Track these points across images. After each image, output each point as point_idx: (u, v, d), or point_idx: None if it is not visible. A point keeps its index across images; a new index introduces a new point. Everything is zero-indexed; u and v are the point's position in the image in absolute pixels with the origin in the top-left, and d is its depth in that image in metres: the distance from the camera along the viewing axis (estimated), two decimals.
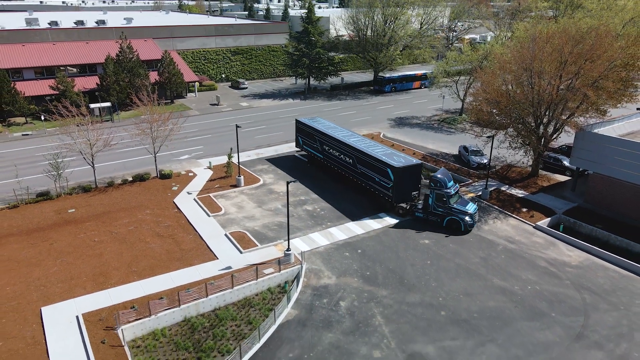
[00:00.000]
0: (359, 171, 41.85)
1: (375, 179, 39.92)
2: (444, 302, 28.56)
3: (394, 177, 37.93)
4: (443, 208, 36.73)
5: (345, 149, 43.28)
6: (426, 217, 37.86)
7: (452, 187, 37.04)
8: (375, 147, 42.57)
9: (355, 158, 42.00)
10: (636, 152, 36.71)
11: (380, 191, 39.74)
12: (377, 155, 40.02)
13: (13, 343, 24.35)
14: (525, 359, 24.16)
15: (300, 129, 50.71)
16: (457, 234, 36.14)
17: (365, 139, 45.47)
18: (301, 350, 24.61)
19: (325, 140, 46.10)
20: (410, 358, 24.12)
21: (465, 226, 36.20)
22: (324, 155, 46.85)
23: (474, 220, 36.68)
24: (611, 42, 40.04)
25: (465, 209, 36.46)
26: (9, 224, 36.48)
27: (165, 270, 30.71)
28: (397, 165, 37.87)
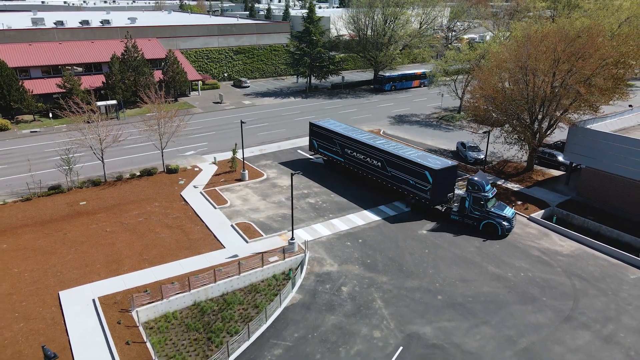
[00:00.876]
0: (390, 174, 41.15)
1: (410, 181, 39.29)
2: (441, 287, 30.03)
3: (432, 179, 37.46)
4: (480, 212, 36.32)
5: (373, 152, 42.43)
6: (462, 220, 37.46)
7: (489, 190, 36.65)
8: (404, 149, 42.10)
9: (385, 161, 41.32)
10: (627, 147, 38.20)
11: (416, 194, 39.10)
12: (411, 157, 39.48)
13: (34, 324, 25.84)
14: (517, 339, 25.63)
15: (315, 132, 49.28)
16: (493, 238, 35.73)
17: (391, 141, 44.90)
18: (306, 330, 26.09)
19: (347, 144, 45.05)
20: (408, 337, 25.59)
21: (503, 231, 35.58)
22: (345, 158, 45.81)
23: (511, 225, 36.06)
24: (603, 41, 41.50)
25: (503, 213, 35.92)
26: (24, 216, 37.96)
27: (175, 258, 32.19)
28: (436, 167, 37.41)
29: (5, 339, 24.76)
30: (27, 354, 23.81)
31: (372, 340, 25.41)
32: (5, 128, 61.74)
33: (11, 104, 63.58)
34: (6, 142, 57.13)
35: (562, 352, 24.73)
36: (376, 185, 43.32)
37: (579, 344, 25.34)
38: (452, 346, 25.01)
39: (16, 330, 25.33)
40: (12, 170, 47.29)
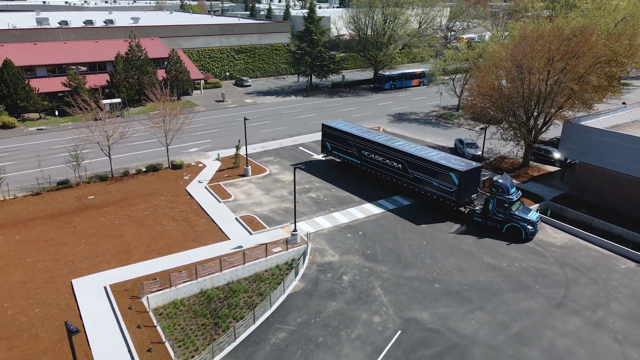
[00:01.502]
0: (411, 176, 40.99)
1: (434, 183, 39.17)
2: (438, 276, 31.23)
3: (458, 181, 37.38)
4: (504, 214, 36.00)
5: (393, 153, 42.22)
6: (485, 223, 37.23)
7: (514, 193, 36.39)
8: (425, 150, 42.01)
9: (406, 163, 41.08)
10: (620, 143, 39.37)
11: (440, 195, 39.03)
12: (435, 159, 39.44)
13: (49, 309, 27.04)
14: (510, 324, 26.83)
15: (328, 134, 48.69)
16: (517, 241, 35.45)
17: (410, 142, 44.74)
18: (308, 316, 27.28)
19: (365, 145, 44.79)
20: (406, 322, 26.78)
21: (527, 234, 35.34)
22: (362, 160, 45.54)
23: (535, 228, 35.67)
24: (596, 40, 42.71)
25: (527, 217, 35.63)
26: (34, 209, 39.16)
27: (182, 249, 33.39)
28: (462, 169, 37.40)
29: (22, 323, 25.97)
30: (43, 337, 25.01)
31: (372, 324, 26.61)
32: (12, 126, 62.88)
33: (18, 102, 64.74)
34: (13, 139, 58.28)
35: (553, 336, 25.92)
36: (397, 187, 43.08)
37: (570, 329, 26.53)
38: (448, 330, 26.21)
39: (32, 316, 26.53)
40: (20, 167, 48.43)
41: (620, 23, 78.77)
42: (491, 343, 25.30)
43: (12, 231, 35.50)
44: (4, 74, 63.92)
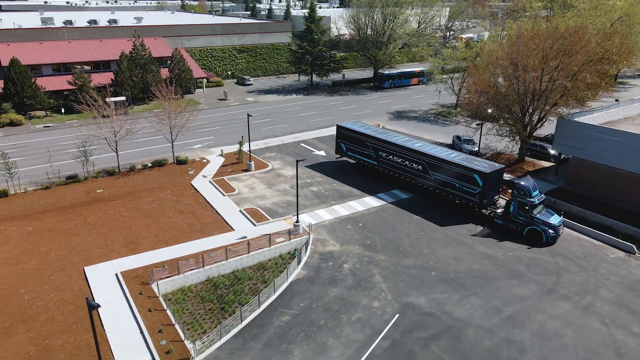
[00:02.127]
0: (432, 177, 40.86)
1: (456, 185, 39.01)
2: (435, 265, 32.56)
3: (482, 183, 37.21)
4: (524, 217, 35.60)
5: (413, 155, 42.05)
6: (505, 225, 36.92)
7: (536, 196, 35.97)
8: (446, 152, 41.75)
9: (427, 164, 40.94)
10: (612, 138, 40.70)
11: (463, 197, 38.92)
12: (458, 160, 39.23)
13: (64, 294, 28.38)
14: (502, 308, 28.16)
15: (343, 135, 48.45)
16: (537, 244, 35.05)
17: (429, 144, 44.70)
18: (310, 301, 28.62)
19: (382, 147, 44.62)
20: (404, 307, 28.11)
21: (547, 238, 34.82)
22: (379, 162, 45.39)
23: (557, 232, 35.04)
24: (589, 38, 44.01)
25: (548, 221, 35.09)
26: (45, 202, 40.51)
27: (189, 239, 34.73)
28: (486, 170, 37.22)
29: (38, 307, 27.31)
30: (59, 319, 26.34)
31: (371, 309, 27.95)
32: (20, 123, 64.26)
33: (24, 100, 66.08)
34: (21, 136, 59.62)
35: (543, 319, 27.25)
36: (417, 189, 42.99)
37: (559, 312, 27.86)
38: (443, 314, 27.54)
39: (47, 300, 27.88)
40: (29, 162, 49.73)
41: (616, 22, 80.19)
42: (484, 325, 26.62)
43: (25, 222, 36.85)
44: (11, 72, 65.29)
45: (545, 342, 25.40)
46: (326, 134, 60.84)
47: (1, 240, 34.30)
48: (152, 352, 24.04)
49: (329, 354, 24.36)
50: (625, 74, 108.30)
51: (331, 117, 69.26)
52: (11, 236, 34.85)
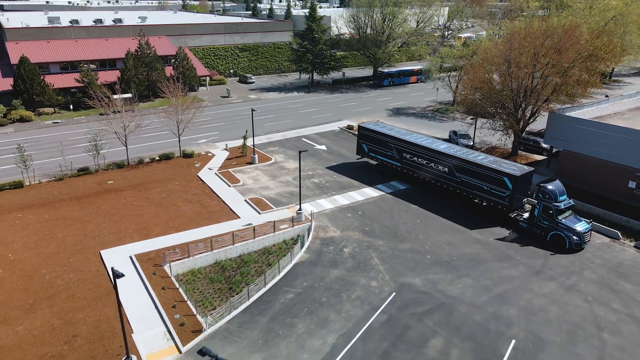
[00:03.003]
0: (459, 180, 40.49)
1: (484, 187, 38.61)
2: (430, 249, 34.53)
3: (512, 186, 36.82)
4: (549, 222, 35.14)
5: (438, 157, 41.70)
6: (530, 229, 36.53)
7: (563, 201, 35.32)
8: (473, 154, 41.26)
9: (453, 166, 40.59)
10: (601, 132, 42.63)
11: (491, 200, 38.49)
12: (486, 163, 38.86)
13: (82, 274, 30.35)
14: (492, 287, 30.11)
15: (365, 136, 48.17)
16: (560, 250, 34.38)
17: (454, 146, 43.79)
18: (313, 280, 30.58)
19: (406, 148, 44.26)
20: (400, 286, 30.07)
21: (571, 244, 34.06)
22: (403, 163, 44.98)
23: (582, 239, 34.06)
24: (579, 36, 45.96)
25: (573, 227, 34.33)
26: (59, 192, 42.48)
27: (197, 226, 36.70)
28: (516, 173, 36.82)
29: (59, 285, 29.27)
30: (79, 296, 28.31)
31: (370, 288, 29.90)
32: (29, 119, 66.19)
33: (34, 97, 68.02)
34: (31, 132, 61.53)
35: (530, 297, 29.20)
36: (443, 191, 42.60)
37: (545, 291, 29.81)
38: (437, 292, 29.50)
39: (67, 279, 29.84)
40: (41, 156, 51.61)
41: (610, 22, 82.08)
42: (475, 302, 28.58)
43: (42, 211, 38.82)
44: (20, 70, 67.21)
45: (530, 317, 27.36)
46: (327, 130, 62.84)
47: (20, 227, 36.27)
48: (167, 324, 26.00)
49: (330, 327, 26.32)
50: (620, 72, 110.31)
51: (332, 114, 71.22)
52: (29, 223, 36.82)
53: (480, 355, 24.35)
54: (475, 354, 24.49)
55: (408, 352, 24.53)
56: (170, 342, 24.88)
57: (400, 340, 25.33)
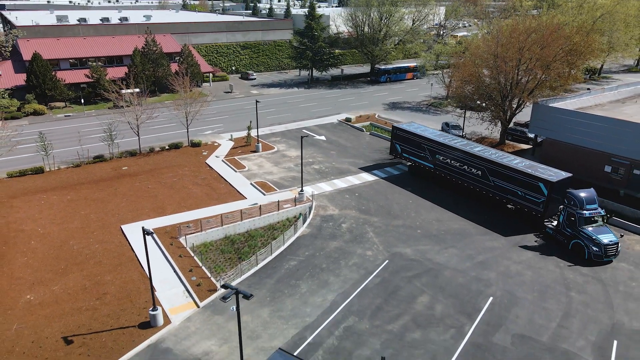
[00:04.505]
0: (492, 184, 39.63)
1: (519, 192, 37.56)
2: (420, 225, 37.92)
3: (547, 192, 35.57)
4: (572, 229, 33.88)
5: (472, 159, 40.96)
6: (555, 235, 35.53)
7: (591, 209, 33.72)
8: (508, 157, 40.29)
9: (487, 170, 39.77)
10: (580, 121, 46.02)
11: (525, 205, 37.33)
12: (521, 167, 37.83)
13: (106, 245, 33.71)
14: (475, 256, 33.50)
15: (399, 136, 47.94)
16: (579, 260, 32.99)
17: (489, 149, 42.78)
18: (314, 250, 33.96)
19: (440, 150, 43.78)
20: (392, 255, 33.46)
21: (590, 255, 32.61)
22: (435, 165, 44.59)
23: (603, 251, 32.14)
24: (560, 33, 49.40)
25: (596, 237, 32.54)
26: (78, 177, 45.80)
27: (207, 205, 40.05)
28: (552, 179, 35.65)
29: (86, 254, 32.60)
30: (105, 263, 31.65)
31: (365, 256, 33.29)
32: (42, 112, 69.49)
33: (46, 91, 71.29)
34: (45, 124, 64.75)
35: (508, 264, 32.60)
36: (475, 194, 41.94)
37: (522, 259, 33.22)
38: (425, 260, 32.90)
39: (93, 249, 33.18)
40: (56, 146, 54.62)
41: (598, 20, 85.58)
42: (459, 268, 31.97)
43: (64, 192, 42.14)
44: (33, 66, 70.48)
45: (507, 279, 30.77)
46: (326, 122, 66.22)
47: (45, 206, 39.60)
48: (185, 285, 29.36)
49: (330, 287, 29.70)
50: (610, 69, 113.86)
51: (331, 108, 74.60)
52: (53, 203, 40.15)
53: (461, 309, 27.75)
54: (457, 308, 27.89)
55: (398, 307, 27.92)
56: (189, 299, 28.24)
57: (392, 298, 28.72)
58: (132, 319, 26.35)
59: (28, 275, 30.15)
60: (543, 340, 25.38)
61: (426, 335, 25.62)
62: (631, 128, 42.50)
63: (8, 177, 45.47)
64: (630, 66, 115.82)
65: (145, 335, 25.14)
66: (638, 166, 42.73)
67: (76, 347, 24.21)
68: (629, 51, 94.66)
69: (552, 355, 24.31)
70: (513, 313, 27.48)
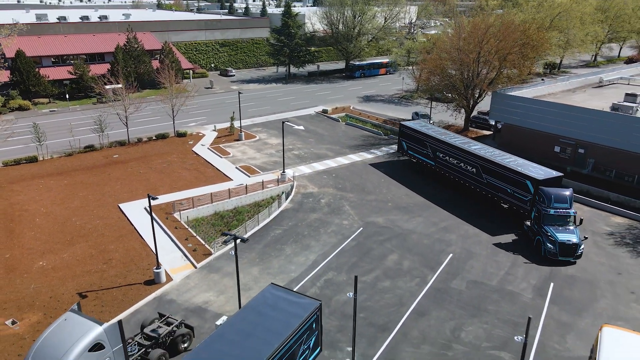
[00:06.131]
0: (485, 181, 39.94)
1: (508, 190, 37.69)
2: (391, 199, 42.30)
3: (534, 190, 35.27)
4: (538, 226, 33.89)
5: (468, 157, 41.43)
6: (527, 232, 35.69)
7: (557, 207, 33.15)
8: (503, 156, 40.43)
9: (481, 167, 40.11)
10: (532, 106, 51.22)
11: (514, 203, 37.50)
12: (511, 165, 37.90)
13: (107, 220, 36.93)
14: (439, 223, 37.99)
15: (405, 134, 48.93)
16: (536, 259, 32.69)
17: (487, 147, 43.11)
18: (296, 221, 37.92)
19: (440, 147, 44.33)
20: (366, 223, 37.69)
21: (545, 252, 32.42)
22: (436, 162, 45.26)
23: (557, 249, 31.78)
24: (515, 28, 54.65)
25: (552, 234, 32.21)
26: (72, 164, 48.59)
27: (197, 186, 43.51)
28: (539, 177, 35.39)
29: (89, 228, 35.78)
30: (108, 235, 34.92)
31: (342, 225, 37.44)
32: (27, 108, 71.43)
33: (30, 87, 73.18)
34: (31, 118, 66.64)
35: (467, 228, 37.14)
36: (471, 192, 42.48)
37: (480, 224, 37.86)
38: (395, 227, 37.25)
39: (95, 224, 36.37)
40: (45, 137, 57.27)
41: (555, 18, 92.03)
42: (424, 232, 36.43)
43: (60, 178, 44.97)
44: (17, 63, 72.30)
45: (466, 240, 35.36)
46: (304, 114, 70.20)
47: (44, 189, 42.42)
48: (182, 250, 32.94)
49: (311, 250, 33.73)
50: (570, 64, 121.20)
51: (308, 101, 78.60)
52: (52, 187, 42.99)
53: (425, 264, 32.16)
54: (422, 263, 32.29)
55: (371, 264, 32.14)
56: (187, 262, 31.84)
57: (366, 256, 32.94)
58: (137, 277, 29.83)
59: (38, 246, 33.22)
60: (492, 284, 29.99)
61: (395, 284, 29.91)
62: (576, 112, 47.89)
63: (4, 165, 47.94)
64: (588, 61, 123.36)
65: (151, 290, 28.68)
66: (582, 146, 48.14)
67: (90, 300, 27.57)
68: (584, 47, 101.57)
69: (499, 294, 28.92)
70: (469, 265, 32.05)
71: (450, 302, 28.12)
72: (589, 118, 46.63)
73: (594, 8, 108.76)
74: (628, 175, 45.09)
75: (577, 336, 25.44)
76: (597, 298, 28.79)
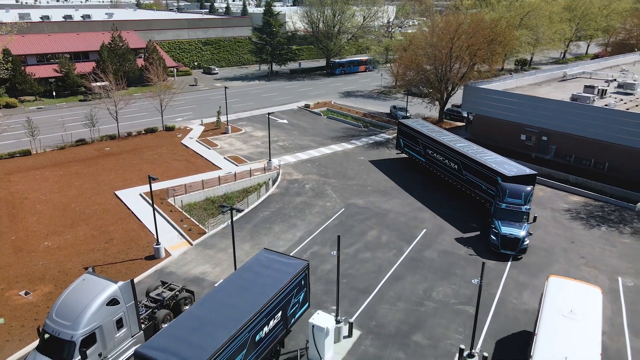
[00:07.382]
0: (464, 178, 40.28)
1: (482, 186, 37.91)
2: (371, 184, 45.56)
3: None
4: (491, 219, 34.45)
5: (451, 153, 41.76)
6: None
7: (510, 202, 33.37)
8: (484, 153, 40.48)
9: (461, 164, 40.36)
10: (500, 98, 55.16)
11: (487, 200, 37.66)
12: (486, 162, 38.05)
13: (104, 206, 39.27)
14: (414, 203, 41.38)
15: (402, 131, 49.64)
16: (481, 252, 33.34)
17: (473, 144, 43.25)
18: (283, 204, 40.87)
19: (429, 144, 44.71)
20: (347, 205, 40.85)
21: (489, 242, 33.25)
22: (426, 159, 45.72)
23: (499, 242, 32.27)
24: (483, 26, 58.57)
25: (498, 228, 32.67)
26: (65, 157, 50.56)
27: (188, 175, 46.05)
28: (509, 173, 35.57)
29: (88, 213, 38.09)
30: (106, 218, 37.31)
31: (325, 206, 40.52)
32: (14, 105, 72.62)
33: (16, 85, 74.38)
34: (19, 115, 67.86)
35: (441, 208, 40.61)
36: (453, 188, 42.96)
37: (453, 205, 41.28)
38: (374, 207, 40.50)
39: (94, 209, 38.69)
40: (36, 133, 58.84)
41: (525, 17, 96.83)
42: (401, 211, 39.77)
43: (55, 169, 46.98)
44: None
45: (439, 217, 38.79)
46: (287, 109, 73.12)
47: (41, 179, 44.43)
48: (178, 230, 35.58)
49: (298, 228, 36.73)
50: (541, 61, 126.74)
51: (291, 97, 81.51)
52: (48, 177, 45.01)
53: (402, 238, 35.46)
54: (398, 237, 35.59)
55: (352, 238, 35.30)
56: (183, 240, 34.50)
57: (348, 232, 36.09)
58: (138, 254, 32.41)
59: (42, 229, 35.45)
60: (460, 253, 33.46)
61: (374, 254, 33.13)
62: (540, 102, 51.95)
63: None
64: (557, 58, 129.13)
65: (152, 264, 31.31)
66: (545, 134, 52.21)
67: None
68: (553, 44, 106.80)
69: (466, 261, 32.38)
70: (440, 238, 35.49)
71: (423, 269, 31.46)
72: (551, 108, 50.72)
73: (562, 7, 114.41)
74: (585, 160, 49.32)
75: (532, 292, 29.02)
76: (552, 262, 32.50)
